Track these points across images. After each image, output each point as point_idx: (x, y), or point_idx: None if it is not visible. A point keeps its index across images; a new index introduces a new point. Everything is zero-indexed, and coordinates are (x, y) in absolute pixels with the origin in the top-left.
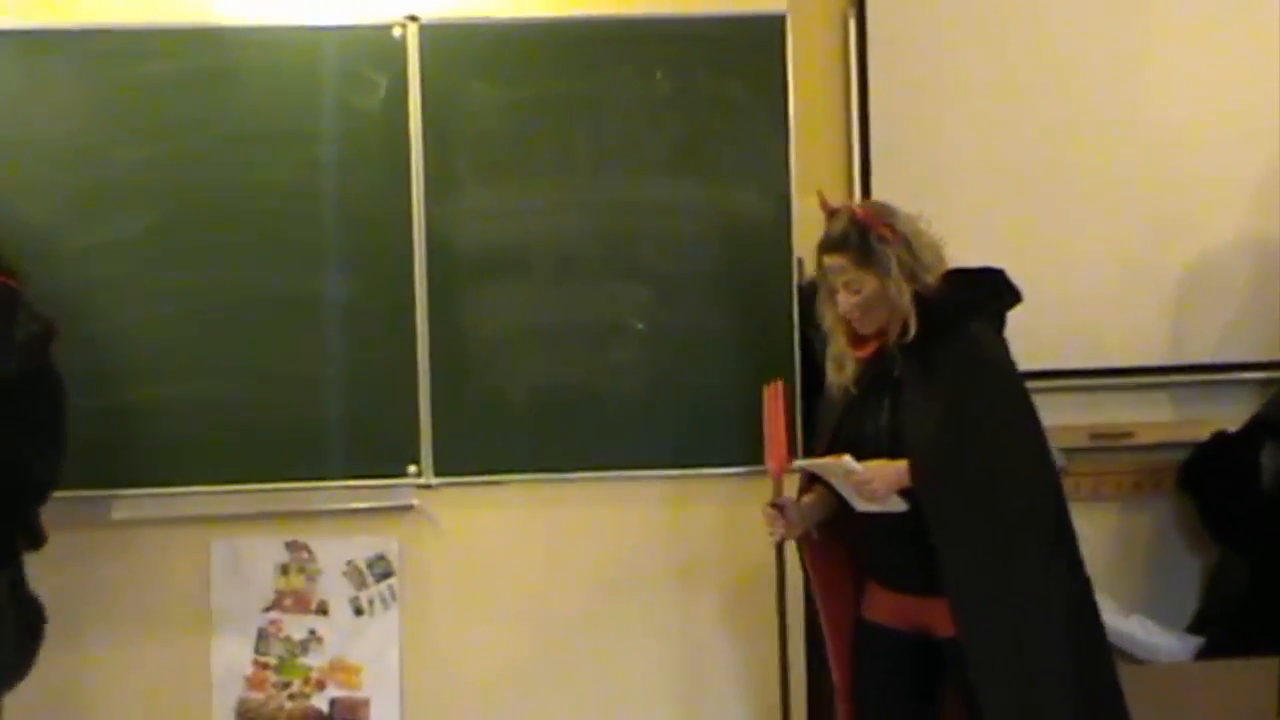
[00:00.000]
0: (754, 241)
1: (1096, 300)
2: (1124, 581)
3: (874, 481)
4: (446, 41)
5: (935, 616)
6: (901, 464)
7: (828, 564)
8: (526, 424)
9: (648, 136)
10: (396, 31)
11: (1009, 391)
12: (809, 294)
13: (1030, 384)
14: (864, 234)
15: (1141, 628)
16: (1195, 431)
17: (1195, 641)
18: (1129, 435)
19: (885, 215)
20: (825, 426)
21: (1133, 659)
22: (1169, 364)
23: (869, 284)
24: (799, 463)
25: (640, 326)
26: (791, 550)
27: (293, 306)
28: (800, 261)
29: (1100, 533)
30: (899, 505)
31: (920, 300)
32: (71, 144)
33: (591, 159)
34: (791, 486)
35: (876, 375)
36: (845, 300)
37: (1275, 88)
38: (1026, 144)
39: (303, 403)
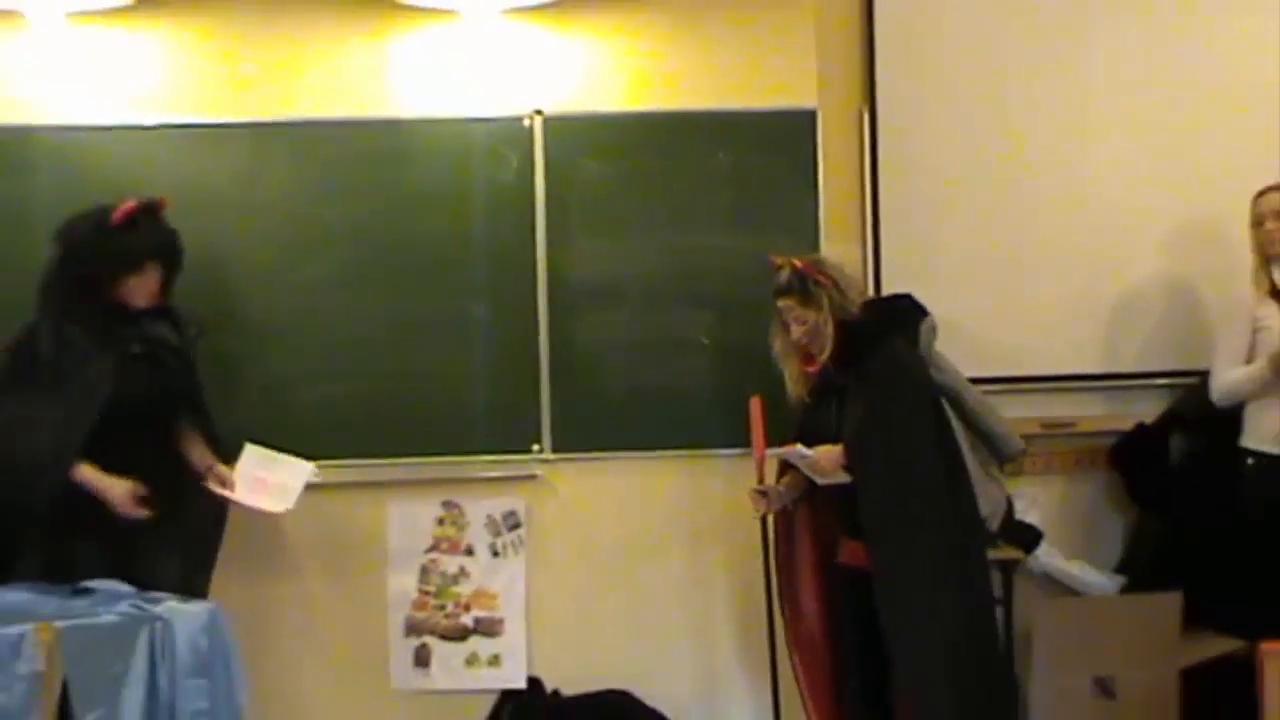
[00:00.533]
0: None
1: (1047, 322)
2: (1067, 535)
3: (820, 461)
4: (563, 129)
5: (849, 550)
6: (839, 448)
7: (806, 527)
8: (621, 413)
9: (711, 199)
10: (526, 121)
11: (909, 392)
12: None
13: (996, 386)
14: (804, 280)
15: (1080, 569)
16: (1122, 423)
17: (1120, 579)
18: (1071, 425)
19: (818, 264)
20: (794, 427)
21: (1073, 591)
22: (1102, 371)
23: (811, 317)
24: (770, 451)
25: (705, 341)
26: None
27: (448, 325)
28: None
29: (1050, 498)
30: (844, 477)
31: (845, 326)
32: (289, 206)
33: (669, 216)
34: (771, 474)
35: (823, 386)
36: (796, 330)
37: (1183, 168)
38: (998, 207)
39: (455, 397)
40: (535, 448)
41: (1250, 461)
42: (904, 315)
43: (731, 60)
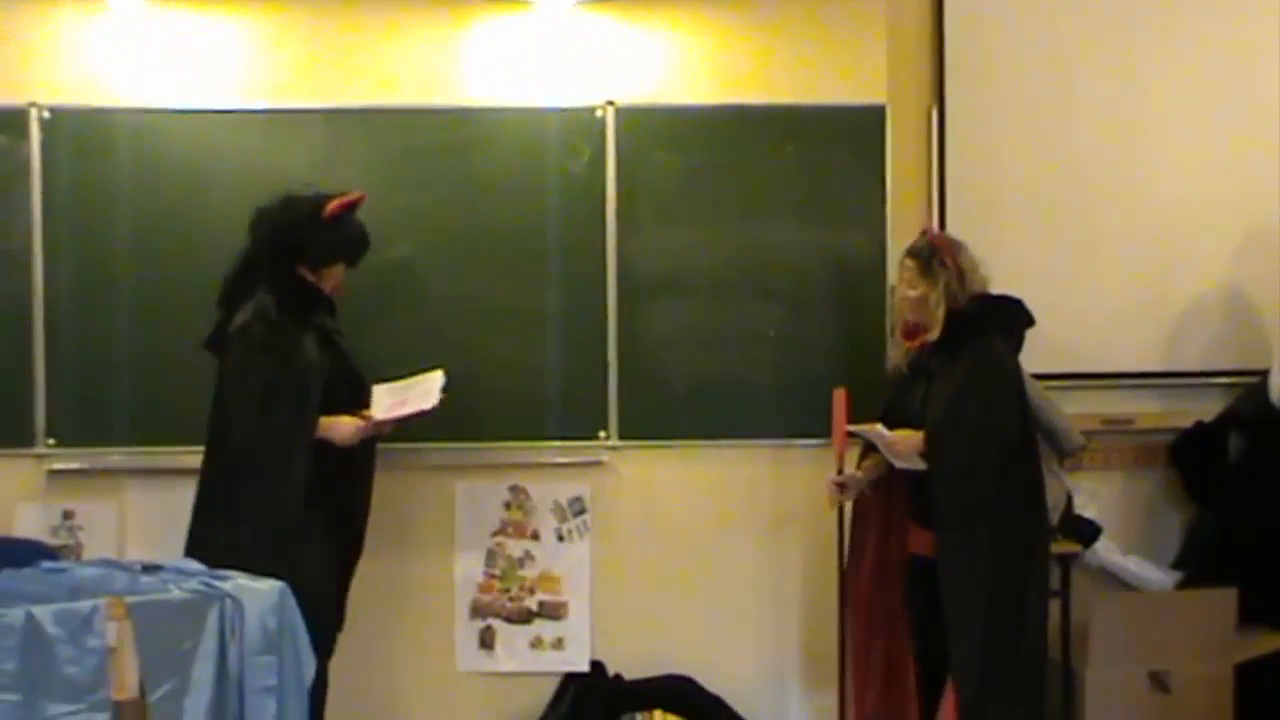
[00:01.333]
0: (856, 272)
1: (1111, 323)
2: (1125, 530)
3: (898, 444)
4: (635, 120)
5: (918, 540)
6: (919, 434)
7: (880, 512)
8: (686, 403)
9: (780, 193)
10: (599, 113)
11: (999, 390)
12: None
13: (1059, 383)
14: (932, 253)
15: (1136, 564)
16: (1181, 420)
17: (1176, 575)
18: (1131, 422)
19: (953, 248)
20: (881, 402)
21: (1129, 587)
22: (1163, 370)
23: (922, 289)
24: (850, 428)
25: (771, 334)
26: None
27: (520, 313)
28: (892, 288)
29: (1109, 493)
30: (920, 464)
31: (953, 315)
32: (367, 191)
33: (738, 209)
34: (852, 459)
35: (917, 365)
36: (905, 292)
37: (1247, 171)
38: (1063, 206)
39: (525, 384)
40: (601, 434)
41: None
42: (1011, 316)
43: (802, 55)
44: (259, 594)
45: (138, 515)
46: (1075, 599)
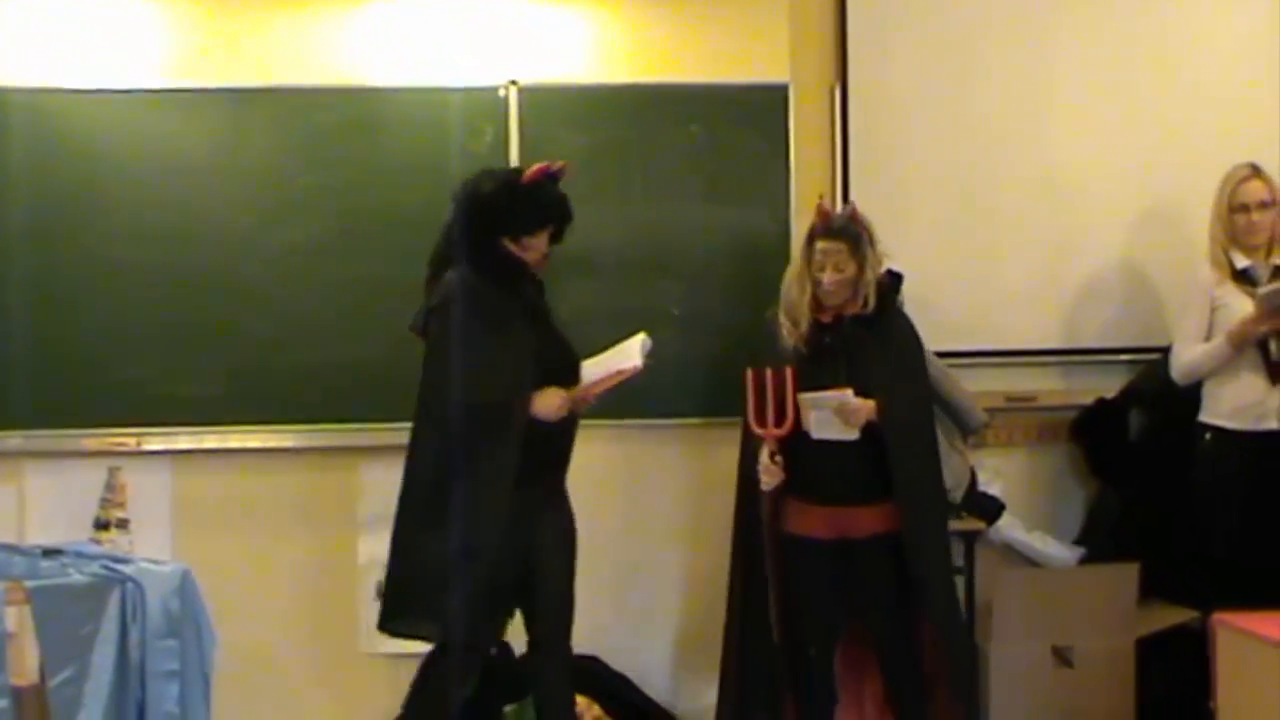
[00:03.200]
0: (761, 251)
1: (1013, 300)
2: (1028, 506)
3: (861, 410)
4: (538, 100)
5: (857, 522)
6: (871, 402)
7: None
8: None
9: (685, 172)
10: (501, 92)
11: (923, 357)
12: None
13: (962, 360)
14: (859, 231)
15: (1040, 540)
16: (1083, 397)
17: (1079, 551)
18: (1034, 399)
19: (869, 224)
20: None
21: (1033, 563)
22: (1065, 347)
23: (851, 268)
24: (807, 395)
25: (675, 312)
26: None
27: (421, 293)
28: None
29: (1012, 469)
30: (854, 434)
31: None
32: (265, 173)
33: (643, 188)
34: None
35: (823, 343)
36: (831, 276)
37: (1147, 150)
38: (966, 185)
39: None
40: None
41: (1207, 436)
42: (895, 284)
43: (706, 34)
44: (161, 577)
45: (37, 499)
46: (979, 576)
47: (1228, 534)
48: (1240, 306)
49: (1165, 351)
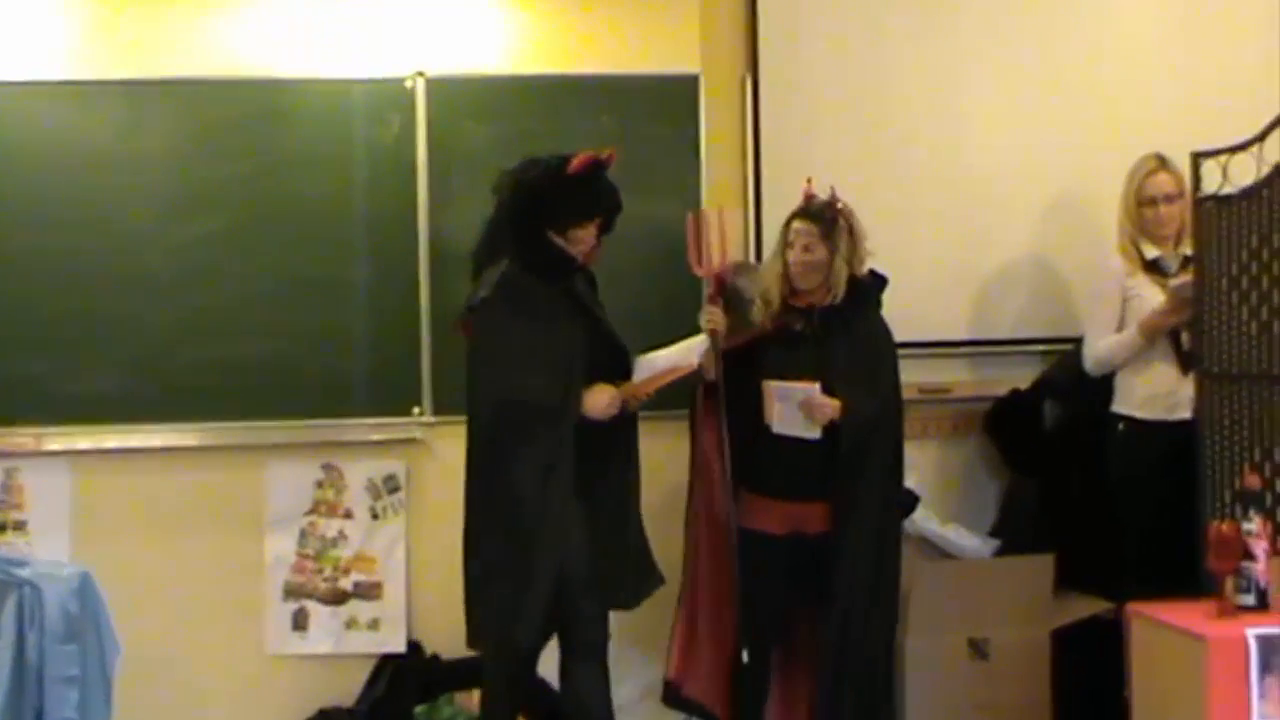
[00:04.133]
0: (674, 241)
1: (925, 291)
2: (943, 498)
3: (826, 408)
4: (446, 91)
5: (811, 518)
6: (836, 402)
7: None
8: None
9: None
10: (409, 83)
11: (896, 361)
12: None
13: None
14: (835, 217)
15: (955, 533)
16: (997, 388)
17: (994, 543)
18: (948, 390)
19: (852, 217)
20: (757, 363)
21: (949, 555)
22: (977, 338)
23: (822, 254)
24: (774, 384)
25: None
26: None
27: (331, 286)
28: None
29: (927, 462)
30: (816, 433)
31: (853, 280)
32: (166, 165)
33: None
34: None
35: (790, 329)
36: (801, 256)
37: (1056, 139)
38: (877, 175)
39: (336, 359)
40: (415, 410)
41: (1120, 427)
42: (879, 287)
43: (616, 25)
44: (59, 580)
45: None
46: None
47: (1141, 524)
48: (1152, 296)
49: (1078, 342)
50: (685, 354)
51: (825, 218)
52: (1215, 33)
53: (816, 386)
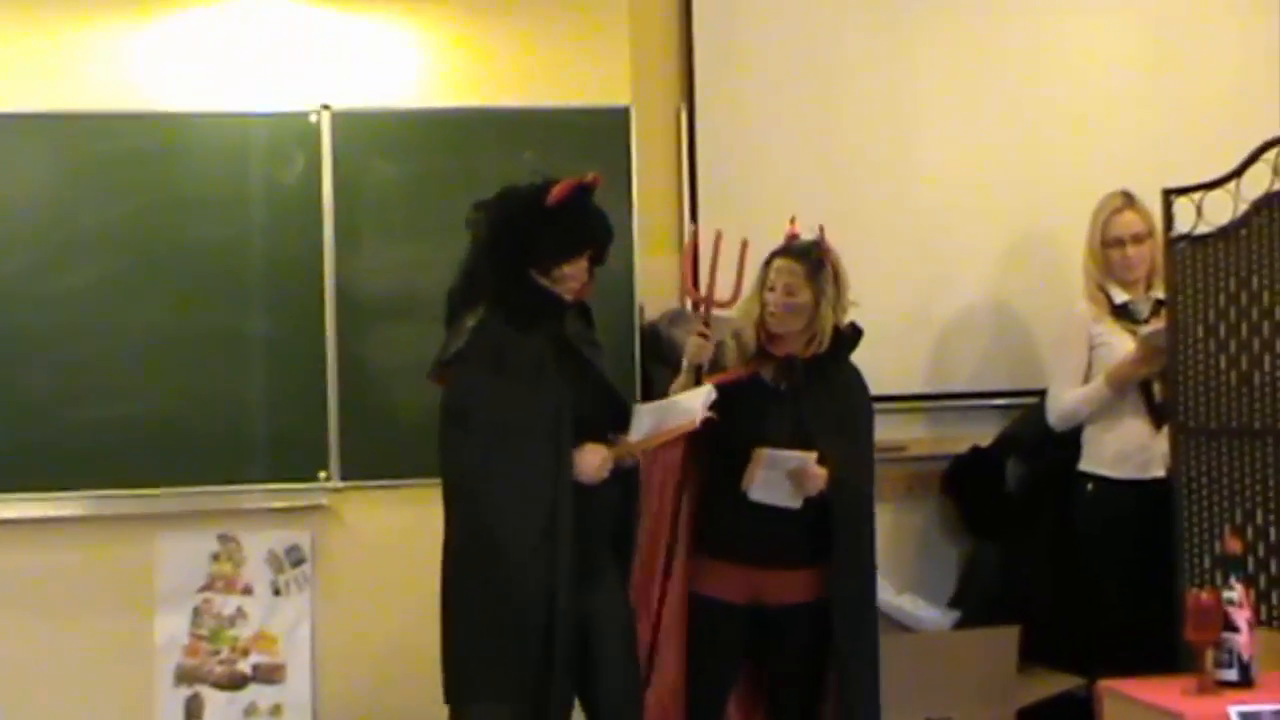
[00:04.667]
0: (604, 290)
1: (877, 341)
2: (898, 566)
3: (819, 479)
4: (353, 126)
5: (776, 587)
6: (824, 471)
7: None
8: (417, 437)
9: None
10: (313, 117)
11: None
12: (650, 334)
13: None
14: (822, 259)
15: (911, 603)
16: (955, 446)
17: (953, 614)
18: (903, 448)
19: (839, 262)
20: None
21: (904, 628)
22: (934, 392)
23: (805, 297)
24: (769, 451)
25: None
26: None
27: (226, 341)
28: (641, 308)
29: (880, 527)
30: (797, 504)
31: (836, 331)
32: (45, 208)
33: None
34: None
35: (761, 384)
36: (780, 299)
37: (1015, 180)
38: (823, 216)
39: (233, 419)
40: (321, 475)
41: (1089, 486)
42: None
43: (539, 54)
44: None
45: None
46: None
47: (1113, 592)
48: (1121, 344)
49: (1042, 395)
50: (688, 408)
51: (811, 258)
52: (1187, 63)
53: (813, 456)
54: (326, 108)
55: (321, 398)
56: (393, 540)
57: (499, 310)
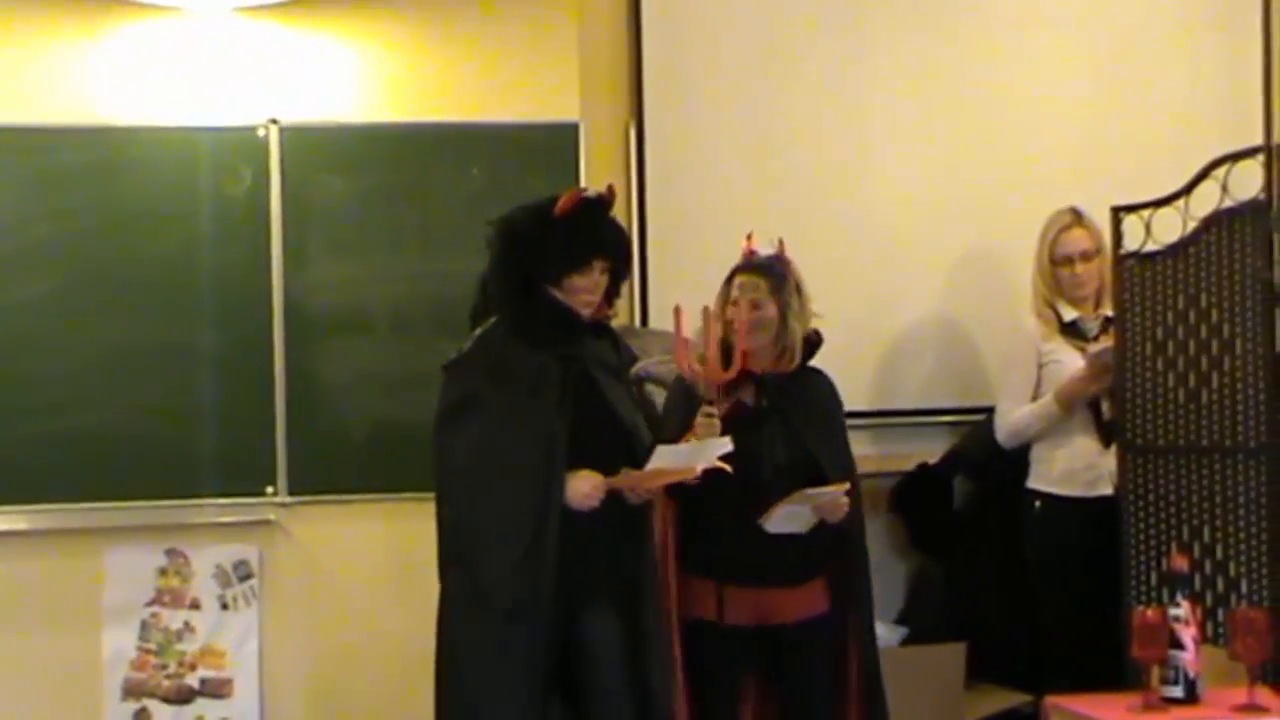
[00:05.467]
0: None
1: (823, 356)
2: None
3: (845, 507)
4: (302, 140)
5: (785, 606)
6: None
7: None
8: (366, 452)
9: (465, 220)
10: (261, 132)
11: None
12: None
13: None
14: (784, 272)
15: None
16: (902, 463)
17: (900, 631)
18: None
19: (799, 273)
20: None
21: None
22: (880, 409)
23: (770, 309)
24: (811, 491)
25: None
26: None
27: (173, 355)
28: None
29: None
30: (807, 528)
31: (806, 343)
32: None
33: (420, 238)
34: None
35: (742, 405)
36: (744, 313)
37: (962, 197)
38: (771, 232)
39: (180, 434)
40: (269, 490)
41: (1037, 504)
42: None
43: (487, 70)
44: None
45: None
46: None
47: (1060, 609)
48: (1070, 362)
49: (990, 412)
50: (702, 456)
51: (774, 271)
52: (1136, 80)
53: (844, 488)
54: (275, 122)
55: (270, 412)
56: (341, 555)
57: (507, 323)
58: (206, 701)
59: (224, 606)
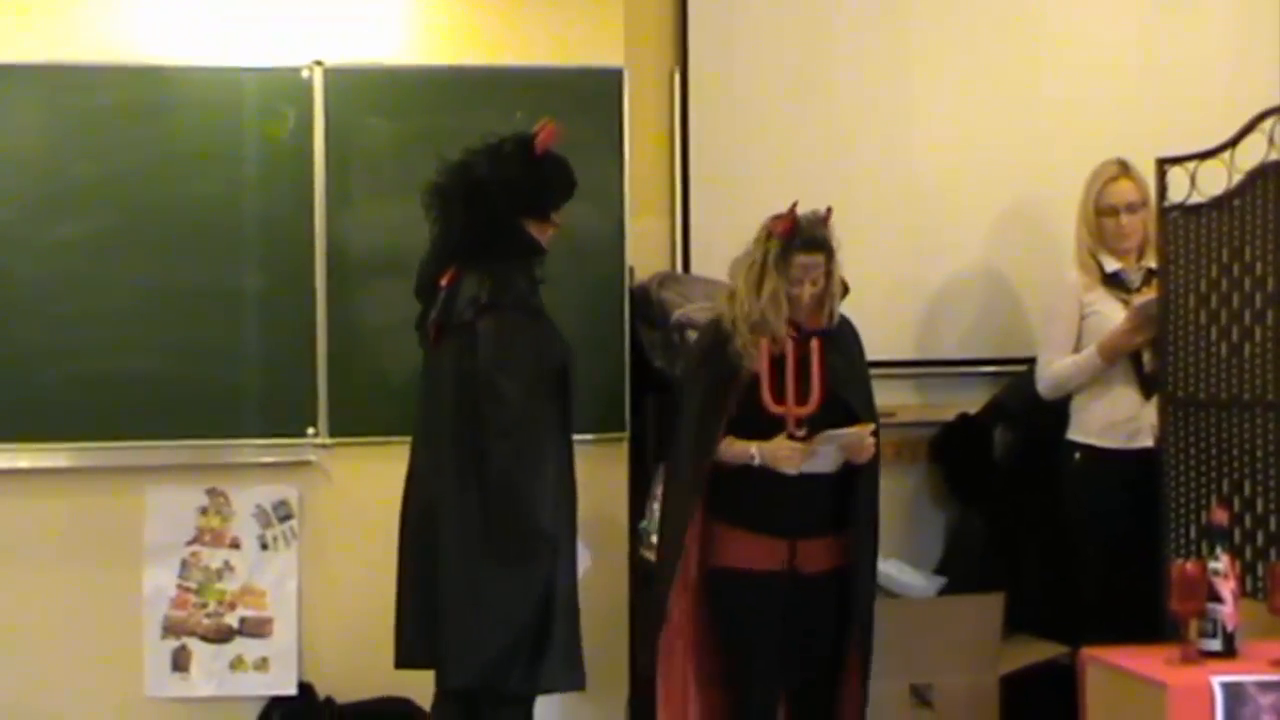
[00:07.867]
0: (594, 251)
1: (867, 307)
2: (884, 531)
3: (871, 448)
4: (345, 82)
5: (810, 555)
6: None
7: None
8: (406, 395)
9: None
10: (305, 73)
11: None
12: (639, 295)
13: None
14: (832, 241)
15: (897, 569)
16: (943, 413)
17: (939, 580)
18: (891, 415)
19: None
20: (722, 400)
21: (890, 594)
22: (923, 358)
23: (824, 282)
24: (834, 432)
25: None
26: None
27: (216, 296)
28: (631, 270)
29: None
30: (833, 468)
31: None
32: (34, 160)
33: None
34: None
35: (779, 358)
36: (809, 290)
37: (1012, 146)
38: (815, 182)
39: (223, 375)
40: (310, 431)
41: (1077, 456)
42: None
43: (532, 13)
44: None
45: None
46: None
47: (1098, 561)
48: (1112, 313)
49: (1031, 363)
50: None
51: (829, 247)
52: (1183, 32)
53: (869, 428)
54: (319, 63)
55: (311, 354)
56: (380, 496)
57: (513, 266)
58: (245, 640)
59: (264, 546)
